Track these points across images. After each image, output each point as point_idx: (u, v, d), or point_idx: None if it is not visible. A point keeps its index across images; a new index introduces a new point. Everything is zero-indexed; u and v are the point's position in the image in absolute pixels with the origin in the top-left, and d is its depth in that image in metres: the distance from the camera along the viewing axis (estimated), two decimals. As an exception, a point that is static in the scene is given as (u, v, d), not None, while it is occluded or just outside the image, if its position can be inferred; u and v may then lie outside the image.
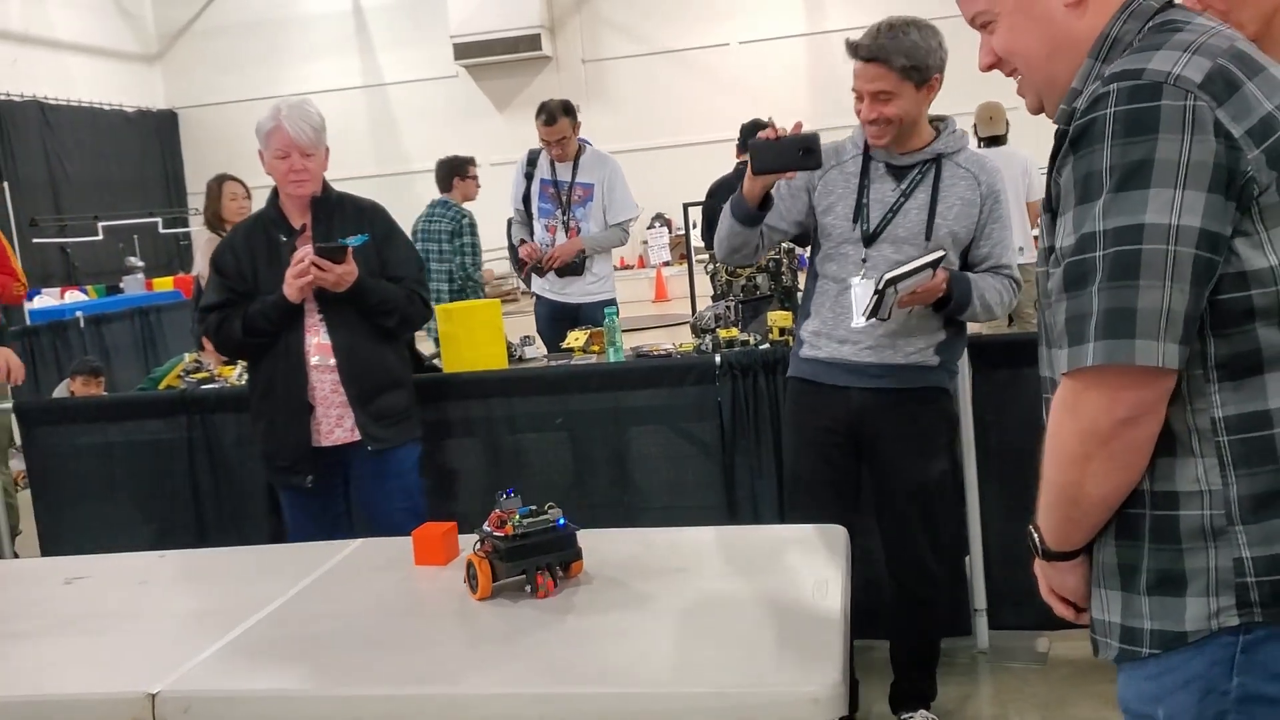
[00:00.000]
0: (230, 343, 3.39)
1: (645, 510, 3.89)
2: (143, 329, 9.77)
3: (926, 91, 2.82)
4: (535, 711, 1.84)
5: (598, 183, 5.35)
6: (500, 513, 2.23)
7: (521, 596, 2.21)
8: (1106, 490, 1.36)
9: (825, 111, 15.98)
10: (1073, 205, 1.33)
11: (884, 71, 2.79)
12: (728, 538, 2.57)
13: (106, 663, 2.13)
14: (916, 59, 2.76)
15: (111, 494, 4.19)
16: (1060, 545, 1.46)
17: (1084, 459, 1.34)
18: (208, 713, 1.94)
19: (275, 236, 3.32)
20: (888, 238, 2.88)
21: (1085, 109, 1.34)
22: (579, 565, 2.29)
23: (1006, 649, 3.60)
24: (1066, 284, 1.33)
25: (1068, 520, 1.42)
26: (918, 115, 2.86)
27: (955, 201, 2.88)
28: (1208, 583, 1.34)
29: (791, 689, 1.73)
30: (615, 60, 16.99)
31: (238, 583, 2.56)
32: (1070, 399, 1.34)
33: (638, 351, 4.50)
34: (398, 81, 17.28)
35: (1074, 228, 1.33)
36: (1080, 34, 1.44)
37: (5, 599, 2.61)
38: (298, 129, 3.22)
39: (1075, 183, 1.33)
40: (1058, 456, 1.37)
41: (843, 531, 2.44)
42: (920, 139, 2.90)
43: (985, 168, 2.93)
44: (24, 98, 14.87)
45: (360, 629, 2.23)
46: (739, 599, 2.14)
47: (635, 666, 1.90)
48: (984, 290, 2.87)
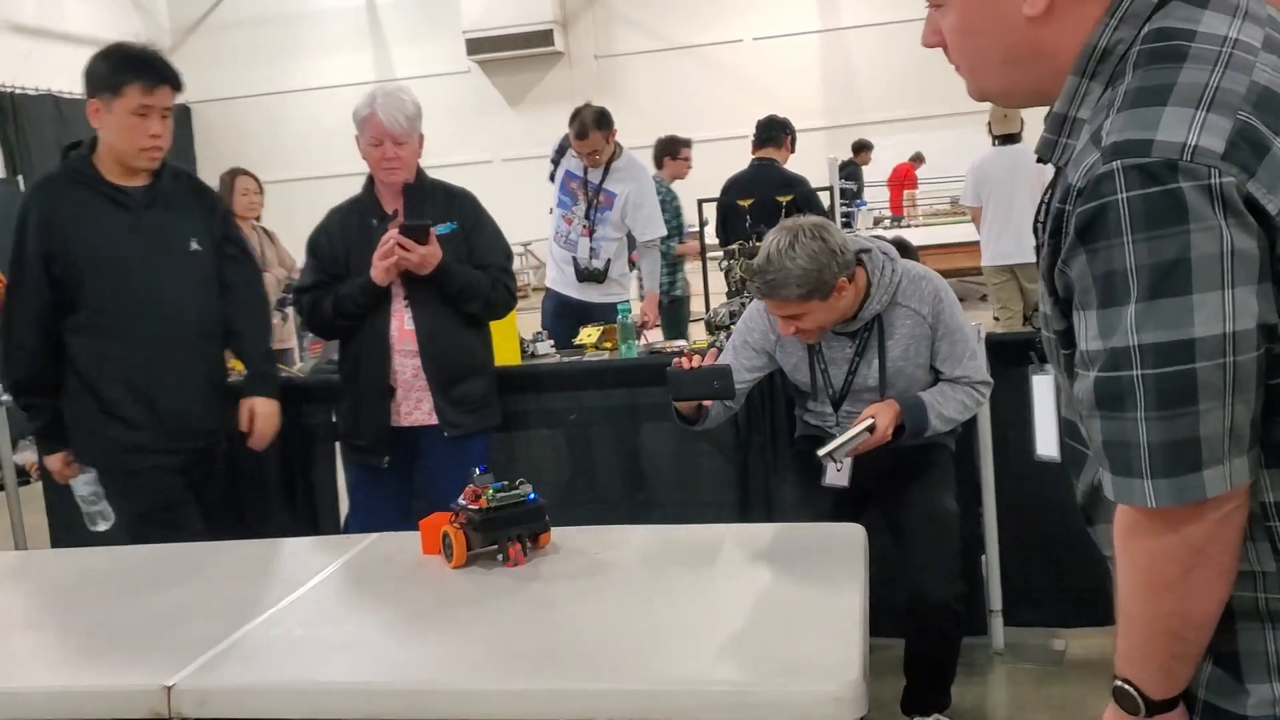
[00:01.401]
0: (321, 323, 3.50)
1: (658, 507, 3.89)
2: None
3: (837, 295, 2.81)
4: (552, 707, 1.83)
5: (620, 195, 5.32)
6: (474, 487, 2.39)
7: (541, 581, 2.21)
8: (1213, 603, 1.17)
9: (839, 108, 16.03)
10: (1094, 305, 1.13)
11: (784, 303, 2.81)
12: (744, 535, 2.55)
13: (123, 655, 2.12)
14: (809, 283, 2.74)
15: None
16: (1168, 690, 1.23)
17: (1183, 576, 1.15)
18: (224, 705, 1.93)
19: (368, 221, 3.39)
20: (852, 397, 3.00)
21: (1088, 191, 1.12)
22: (547, 537, 2.44)
23: (1022, 648, 3.59)
24: (1100, 402, 1.14)
25: (1174, 657, 1.21)
26: (839, 311, 2.87)
27: (906, 341, 2.94)
28: (1268, 667, 1.20)
29: (812, 688, 1.72)
30: (628, 56, 16.96)
31: (253, 575, 2.55)
32: (1144, 523, 1.16)
33: (650, 348, 4.49)
34: (410, 77, 17.26)
35: (1100, 333, 1.13)
36: (1045, 45, 1.22)
37: (21, 590, 2.62)
38: (391, 118, 3.27)
39: (1094, 280, 1.13)
40: (1147, 586, 1.18)
41: (860, 530, 2.42)
42: (853, 309, 2.91)
43: (920, 292, 2.92)
44: (38, 91, 14.90)
45: (377, 622, 2.23)
46: (757, 596, 2.14)
47: (653, 662, 1.89)
48: (942, 407, 2.92)
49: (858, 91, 16.19)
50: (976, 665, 3.49)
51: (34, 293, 3.09)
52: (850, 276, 2.81)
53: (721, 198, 6.12)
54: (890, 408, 2.87)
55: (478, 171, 16.76)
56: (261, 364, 3.38)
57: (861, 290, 2.89)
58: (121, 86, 3.07)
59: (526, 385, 3.98)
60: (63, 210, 3.09)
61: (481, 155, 16.62)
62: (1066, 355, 1.24)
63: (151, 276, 3.11)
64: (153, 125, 3.09)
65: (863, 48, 16.12)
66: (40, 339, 3.12)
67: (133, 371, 3.10)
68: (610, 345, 4.42)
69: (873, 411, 2.86)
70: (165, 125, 3.12)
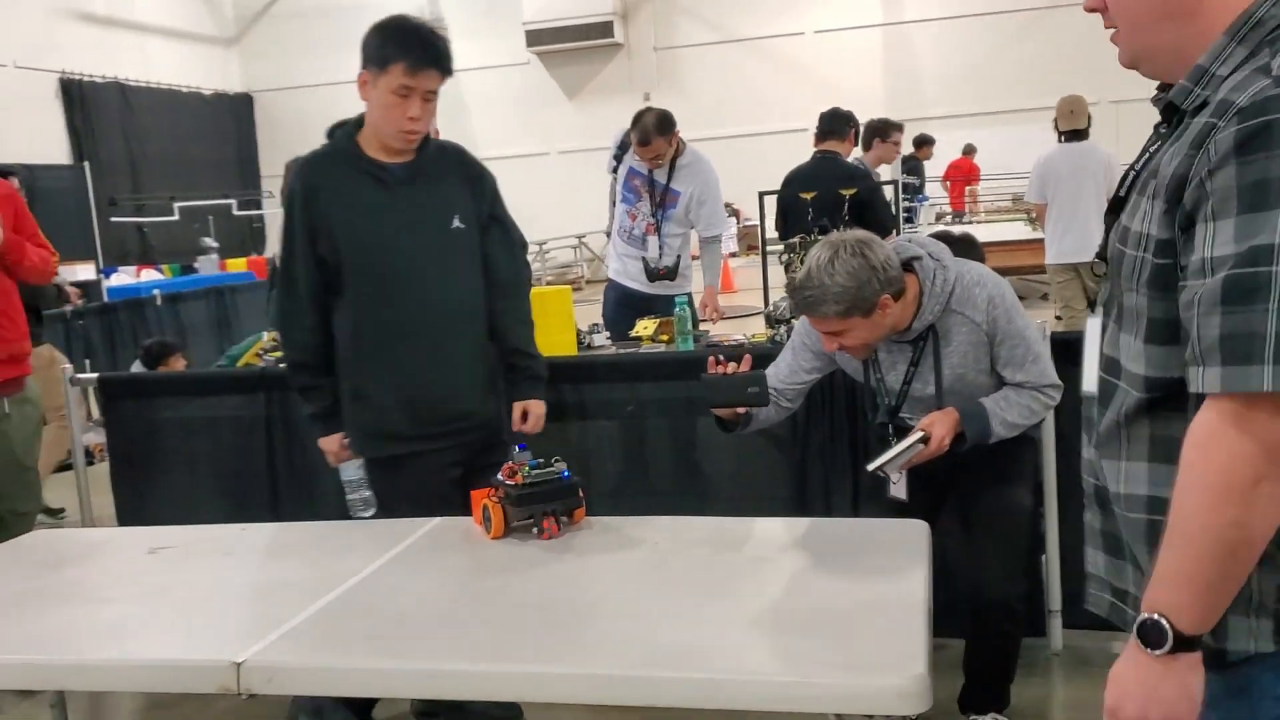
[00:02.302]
0: None
1: (713, 500, 3.88)
2: (217, 308, 9.93)
3: (880, 313, 2.73)
4: (616, 693, 1.84)
5: (685, 193, 5.30)
6: (512, 464, 2.55)
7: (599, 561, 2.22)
8: (1272, 520, 1.21)
9: (901, 103, 15.89)
10: (1234, 213, 1.22)
11: (823, 320, 2.74)
12: (805, 529, 2.55)
13: (193, 631, 2.17)
14: (847, 300, 2.66)
15: (189, 468, 4.26)
16: (1201, 620, 1.26)
17: (1252, 484, 1.20)
18: (290, 683, 1.97)
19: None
20: (909, 406, 2.93)
21: (1254, 108, 1.22)
22: (580, 513, 2.60)
23: (1081, 651, 3.54)
24: (1227, 296, 1.21)
25: (1223, 580, 1.24)
26: (886, 327, 2.79)
27: (964, 349, 2.85)
28: (1249, 604, 1.29)
29: (876, 681, 1.71)
30: (687, 48, 16.95)
31: (319, 557, 2.59)
32: (1230, 421, 1.21)
33: (707, 341, 4.49)
34: (469, 68, 17.40)
35: (1236, 237, 1.21)
36: (1193, 5, 1.34)
37: (92, 567, 2.67)
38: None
39: (1241, 189, 1.22)
40: (1211, 491, 1.22)
41: (924, 526, 2.41)
42: (906, 320, 2.83)
43: (973, 299, 2.82)
44: (105, 79, 15.18)
45: (440, 603, 2.25)
46: (820, 590, 2.13)
47: (717, 653, 1.89)
48: (1005, 413, 2.82)
49: (920, 86, 16.06)
50: (1035, 666, 3.46)
51: (305, 272, 3.02)
52: (897, 293, 2.75)
53: (782, 191, 6.09)
54: (948, 417, 2.79)
55: (534, 163, 16.85)
56: (527, 360, 3.22)
57: (914, 301, 2.82)
58: (387, 63, 2.96)
59: (582, 376, 3.99)
60: (324, 188, 3.03)
61: (538, 147, 16.70)
62: (1159, 265, 1.33)
63: (409, 255, 3.01)
64: (413, 107, 2.97)
65: (925, 41, 15.99)
66: (316, 318, 3.05)
67: (389, 355, 3.01)
68: (666, 338, 4.42)
69: (928, 422, 2.78)
70: (427, 109, 2.99)
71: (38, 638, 2.20)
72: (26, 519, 3.85)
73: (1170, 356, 1.34)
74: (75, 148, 14.67)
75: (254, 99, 18.49)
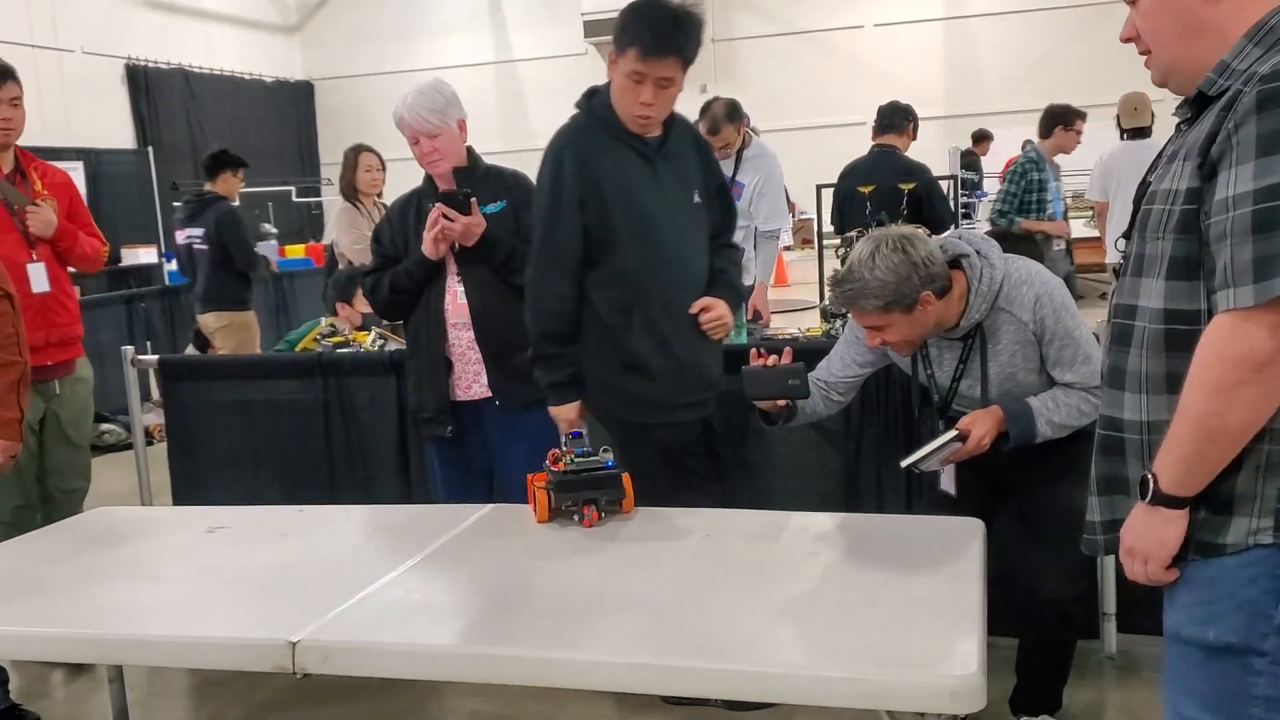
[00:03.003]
0: (382, 302, 3.54)
1: (764, 494, 3.86)
2: (276, 294, 10.04)
3: (922, 309, 2.71)
4: (664, 682, 1.85)
5: (749, 185, 5.27)
6: (557, 451, 2.64)
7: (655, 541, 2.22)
8: (1248, 419, 1.48)
9: (960, 99, 15.75)
10: (1253, 158, 1.46)
11: (863, 314, 2.74)
12: (858, 525, 2.54)
13: (250, 610, 2.20)
14: (887, 295, 2.66)
15: (246, 450, 4.32)
16: (1180, 487, 1.55)
17: (1235, 385, 1.47)
18: (345, 663, 1.99)
19: (425, 206, 3.42)
20: (958, 402, 2.91)
21: (1273, 75, 1.46)
22: (629, 503, 2.64)
23: (1134, 656, 3.49)
24: (1256, 226, 1.44)
25: (1199, 456, 1.52)
26: (930, 323, 2.76)
27: (1011, 348, 2.82)
28: (1252, 507, 1.52)
29: (929, 679, 1.70)
30: (746, 40, 16.86)
31: (374, 540, 2.62)
32: (1232, 328, 1.46)
33: (761, 335, 4.47)
34: (527, 58, 17.46)
35: (1256, 176, 1.45)
36: (1211, 20, 1.59)
37: (151, 545, 2.72)
38: (416, 116, 3.31)
39: (1259, 138, 1.46)
40: (1206, 383, 1.49)
41: (979, 524, 2.39)
42: (953, 318, 2.80)
43: (1021, 298, 2.78)
44: (170, 65, 15.38)
45: (491, 588, 2.27)
46: (872, 586, 2.12)
47: (767, 646, 1.89)
48: (1052, 414, 2.77)
49: (980, 81, 15.87)
50: (1087, 669, 3.41)
51: (570, 241, 3.03)
52: (941, 290, 2.72)
53: (840, 184, 6.06)
54: (991, 415, 2.77)
55: (590, 154, 16.85)
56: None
57: (960, 298, 2.79)
58: (625, 46, 2.93)
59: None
60: (597, 158, 3.02)
61: (595, 138, 16.69)
62: (1186, 210, 1.55)
63: (668, 229, 3.06)
64: (644, 93, 2.93)
65: (987, 36, 15.79)
66: (574, 288, 3.06)
67: (656, 325, 3.05)
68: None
69: (969, 421, 2.76)
70: (663, 95, 2.95)
71: (98, 613, 2.24)
72: (76, 496, 3.93)
73: (1188, 292, 1.56)
74: (140, 133, 14.88)
75: (314, 87, 18.65)
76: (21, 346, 3.25)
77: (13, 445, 3.25)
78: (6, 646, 2.34)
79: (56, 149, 11.34)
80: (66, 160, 11.77)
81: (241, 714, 3.50)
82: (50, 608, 2.27)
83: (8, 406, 3.21)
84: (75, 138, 12.55)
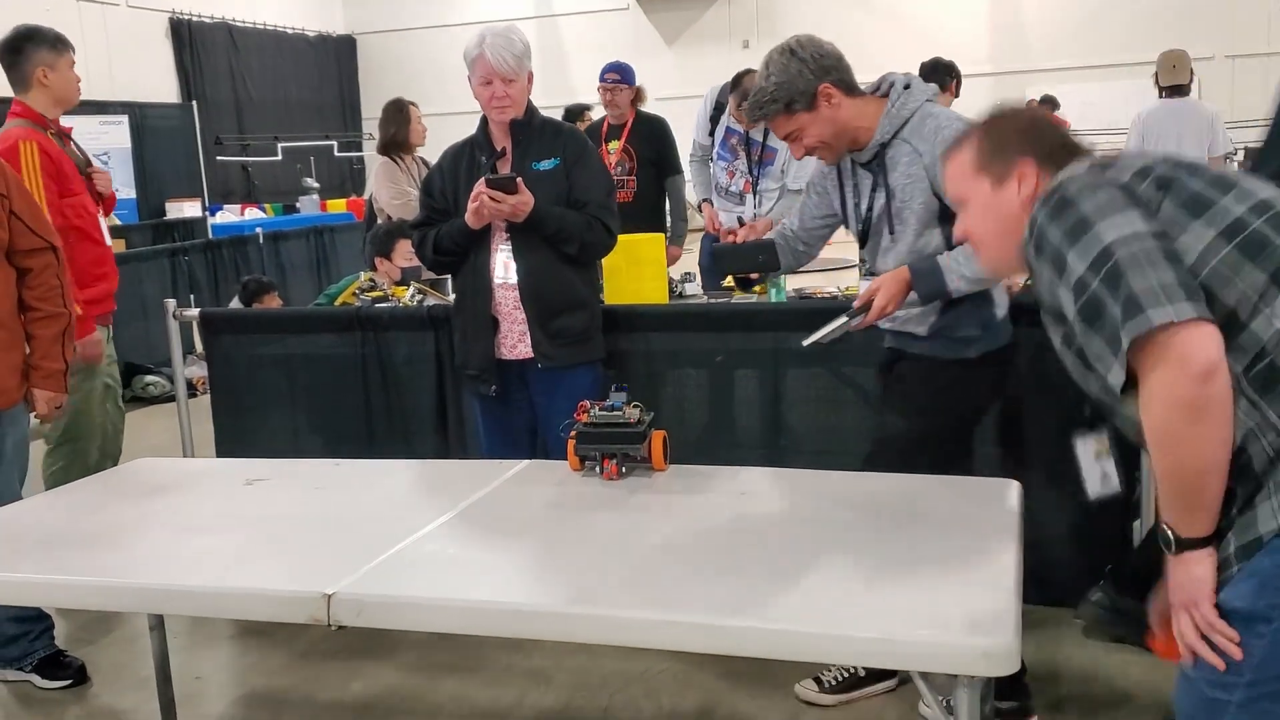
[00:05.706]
0: (429, 259, 3.59)
1: (797, 454, 3.85)
2: (316, 248, 10.10)
3: (824, 105, 2.82)
4: (694, 638, 1.85)
5: (782, 150, 5.24)
6: (585, 403, 2.67)
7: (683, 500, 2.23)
8: (1209, 451, 1.53)
9: (1005, 56, 15.49)
10: (1059, 282, 1.63)
11: (774, 122, 2.89)
12: (893, 485, 2.51)
13: (286, 562, 2.22)
14: (783, 95, 2.81)
15: (286, 403, 4.37)
16: (1191, 529, 1.59)
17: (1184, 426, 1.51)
18: (379, 616, 2.01)
19: (478, 158, 3.42)
20: (873, 232, 2.95)
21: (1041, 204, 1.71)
22: (658, 460, 2.62)
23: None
24: (1086, 320, 1.59)
25: (1190, 500, 1.58)
26: (842, 124, 2.85)
27: (903, 180, 2.83)
28: (1271, 491, 1.55)
29: (963, 641, 1.69)
30: (788, -4, 16.64)
31: (410, 494, 2.63)
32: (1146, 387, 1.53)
33: (800, 294, 4.44)
34: (569, 13, 17.33)
35: (1067, 286, 1.61)
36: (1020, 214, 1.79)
37: (191, 496, 2.75)
38: (498, 58, 3.30)
39: (1049, 269, 1.67)
40: (1160, 441, 1.54)
41: (1015, 485, 2.37)
42: (867, 134, 2.87)
43: (923, 130, 2.79)
44: (214, 19, 15.42)
45: (525, 543, 2.28)
46: (907, 546, 2.10)
47: (800, 605, 1.88)
48: (963, 267, 2.70)
49: (1025, 38, 15.59)
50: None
51: None
52: (847, 85, 2.83)
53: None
54: (895, 279, 2.76)
55: (632, 110, 16.75)
56: None
57: (875, 116, 2.84)
58: None
59: (673, 325, 3.99)
60: None
61: (636, 94, 16.57)
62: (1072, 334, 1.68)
63: None
64: None
65: (1036, -9, 15.51)
66: None
67: None
68: (760, 290, 4.38)
69: (870, 290, 2.79)
70: None
71: (138, 562, 2.28)
72: None
73: None
74: (184, 87, 14.95)
75: (357, 41, 18.63)
76: (66, 298, 3.29)
77: (58, 396, 3.30)
78: (50, 594, 2.37)
79: (101, 102, 11.41)
80: (112, 114, 11.89)
81: (282, 663, 3.56)
82: (92, 557, 2.30)
83: (52, 358, 3.25)
84: (120, 92, 12.63)
